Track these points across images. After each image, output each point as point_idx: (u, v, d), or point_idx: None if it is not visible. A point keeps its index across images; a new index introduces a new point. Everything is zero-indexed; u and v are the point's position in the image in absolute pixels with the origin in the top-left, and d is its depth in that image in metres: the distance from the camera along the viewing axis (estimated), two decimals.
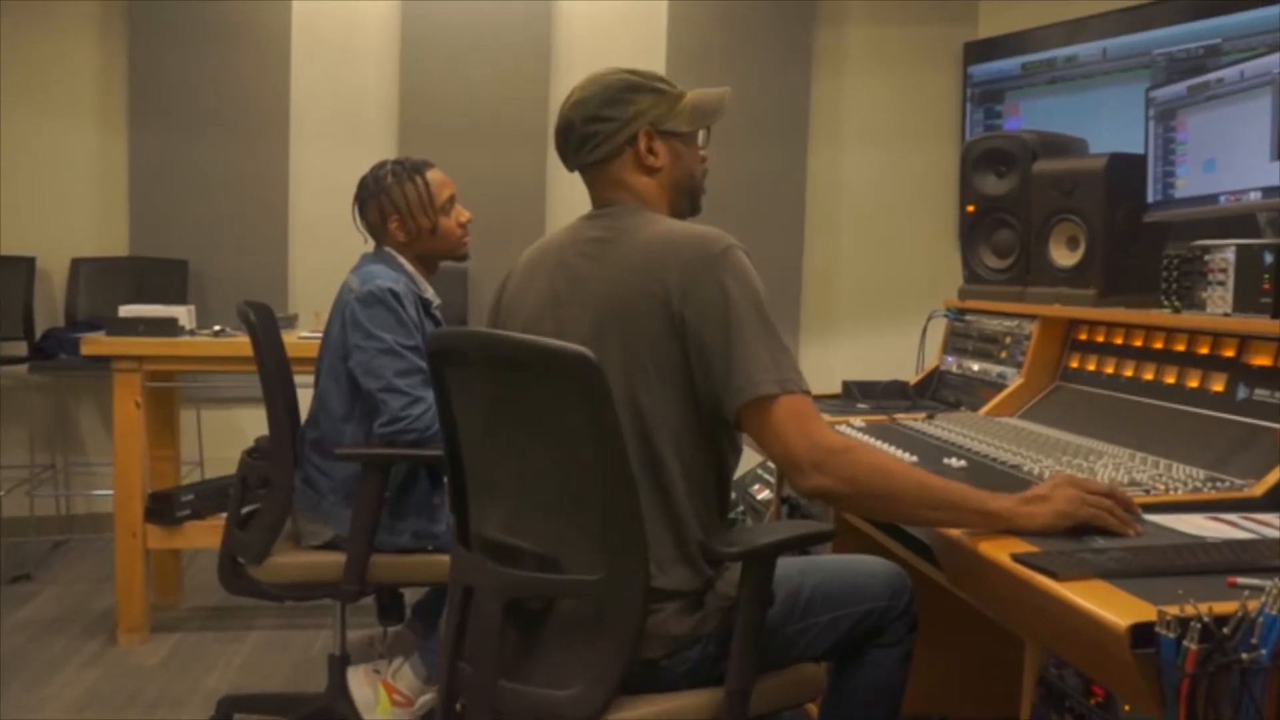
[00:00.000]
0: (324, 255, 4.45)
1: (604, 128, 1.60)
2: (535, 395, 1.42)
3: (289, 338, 2.79)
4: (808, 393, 1.45)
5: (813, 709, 2.11)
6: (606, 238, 1.57)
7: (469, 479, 1.58)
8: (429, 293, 2.45)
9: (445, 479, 2.18)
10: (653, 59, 4.38)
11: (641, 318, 1.48)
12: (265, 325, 2.40)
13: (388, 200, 2.39)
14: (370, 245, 2.52)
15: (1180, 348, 2.03)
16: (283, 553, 2.30)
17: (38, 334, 4.16)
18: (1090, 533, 1.41)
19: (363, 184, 2.44)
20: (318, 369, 2.41)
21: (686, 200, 1.69)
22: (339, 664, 2.46)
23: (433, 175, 2.44)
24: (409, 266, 2.43)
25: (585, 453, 1.36)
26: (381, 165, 2.44)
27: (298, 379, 2.57)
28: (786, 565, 1.60)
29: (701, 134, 1.69)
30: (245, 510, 2.42)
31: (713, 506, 1.55)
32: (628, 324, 1.49)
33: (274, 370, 2.35)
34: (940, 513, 1.45)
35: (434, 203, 2.41)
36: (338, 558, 2.24)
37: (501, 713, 1.45)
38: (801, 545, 1.54)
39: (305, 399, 2.53)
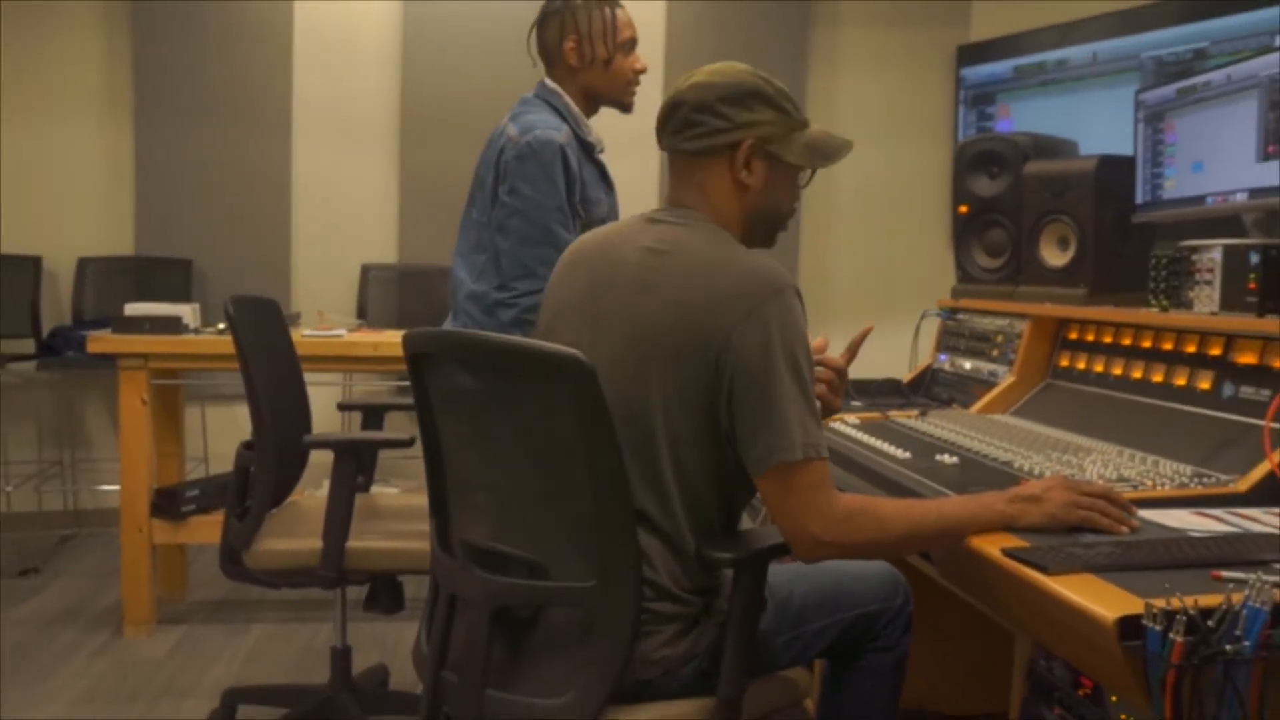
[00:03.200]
0: (326, 254, 4.47)
1: (714, 122, 1.49)
2: (523, 399, 1.39)
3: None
4: (826, 457, 1.41)
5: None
6: (661, 250, 1.47)
7: (450, 483, 1.55)
8: (592, 135, 2.35)
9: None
10: (650, 56, 4.38)
11: (677, 347, 1.41)
12: (249, 321, 2.36)
13: (570, 19, 2.30)
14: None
15: (1168, 346, 2.04)
16: (267, 540, 2.28)
17: (45, 332, 4.16)
18: (1081, 528, 1.42)
19: (548, 2, 2.34)
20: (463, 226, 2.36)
21: (762, 231, 1.57)
22: (340, 656, 2.47)
23: (621, 13, 2.35)
24: (573, 106, 2.33)
25: (576, 458, 1.33)
26: None
27: (307, 376, 2.58)
28: (776, 574, 1.58)
29: (804, 173, 1.59)
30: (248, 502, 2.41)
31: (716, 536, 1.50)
32: (663, 351, 1.42)
33: (256, 366, 2.30)
34: (941, 540, 1.46)
35: (615, 36, 2.32)
36: (318, 544, 2.21)
37: None
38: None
39: (315, 395, 2.53)
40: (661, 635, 1.43)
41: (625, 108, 2.41)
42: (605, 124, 2.40)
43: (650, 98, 2.18)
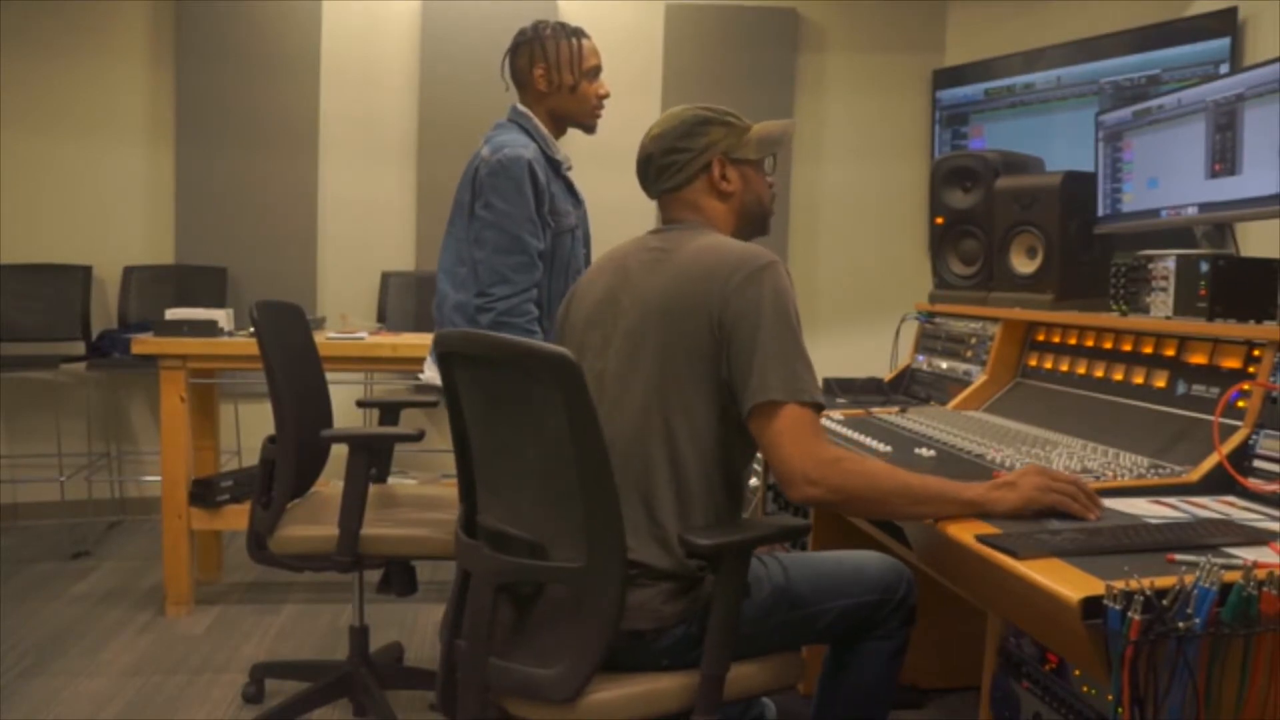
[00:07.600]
0: (349, 262, 4.49)
1: (681, 157, 1.62)
2: (521, 394, 1.41)
3: (317, 338, 2.78)
4: (819, 407, 1.43)
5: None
6: (666, 248, 1.57)
7: (476, 471, 1.56)
8: (560, 154, 2.35)
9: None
10: (650, 84, 4.40)
11: (685, 315, 1.47)
12: (272, 325, 2.35)
13: (540, 49, 2.31)
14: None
15: (1127, 348, 2.04)
16: (289, 528, 2.28)
17: (94, 335, 4.17)
18: (1047, 515, 1.42)
19: (521, 32, 2.35)
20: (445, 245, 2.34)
21: (755, 221, 1.68)
22: (359, 634, 2.47)
23: (587, 43, 2.35)
24: (542, 127, 2.33)
25: (566, 449, 1.35)
26: (544, 21, 2.36)
27: (330, 376, 2.57)
28: (774, 563, 1.59)
29: (768, 162, 1.69)
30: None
31: (720, 498, 1.51)
32: (672, 320, 1.48)
33: (278, 366, 2.29)
34: (922, 507, 1.44)
35: (581, 64, 2.32)
36: (334, 531, 2.20)
37: (490, 688, 1.44)
38: (776, 541, 1.49)
39: (336, 394, 2.52)
40: (657, 589, 1.44)
41: (589, 129, 2.41)
42: (608, 140, 2.39)
43: (652, 116, 2.18)
